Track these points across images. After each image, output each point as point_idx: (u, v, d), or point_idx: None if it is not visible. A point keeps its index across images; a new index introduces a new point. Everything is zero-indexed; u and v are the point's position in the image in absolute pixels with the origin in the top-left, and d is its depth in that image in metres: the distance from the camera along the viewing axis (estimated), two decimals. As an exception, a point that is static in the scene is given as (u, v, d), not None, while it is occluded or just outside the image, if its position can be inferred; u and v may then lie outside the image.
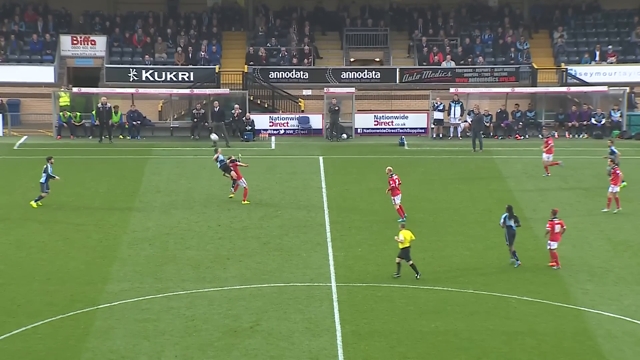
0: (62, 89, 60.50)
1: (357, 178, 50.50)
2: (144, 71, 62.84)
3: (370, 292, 35.04)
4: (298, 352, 30.35)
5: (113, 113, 58.52)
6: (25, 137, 58.48)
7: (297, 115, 61.18)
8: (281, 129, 60.60)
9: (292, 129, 60.64)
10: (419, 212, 44.37)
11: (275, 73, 63.68)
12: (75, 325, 31.99)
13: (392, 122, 61.19)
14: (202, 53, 64.61)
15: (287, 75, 63.75)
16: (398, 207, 42.91)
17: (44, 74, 62.94)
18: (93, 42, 64.64)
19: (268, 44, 66.01)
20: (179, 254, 38.87)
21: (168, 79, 62.83)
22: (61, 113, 58.81)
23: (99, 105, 58.30)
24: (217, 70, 63.09)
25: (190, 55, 64.64)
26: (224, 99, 60.69)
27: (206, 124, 58.70)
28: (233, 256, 38.84)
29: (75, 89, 59.69)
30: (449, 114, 60.47)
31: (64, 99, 59.27)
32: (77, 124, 58.99)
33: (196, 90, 60.94)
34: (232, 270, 37.28)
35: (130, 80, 62.43)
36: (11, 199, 45.89)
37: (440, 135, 60.29)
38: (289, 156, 55.49)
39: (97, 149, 56.32)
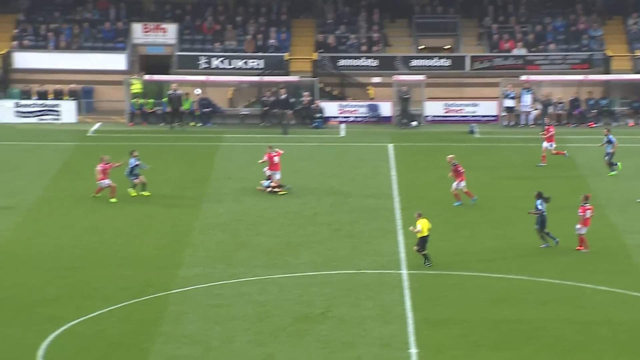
0: (134, 77, 61.08)
1: (427, 165, 50.35)
2: (214, 59, 63.19)
3: (441, 280, 34.96)
4: (370, 338, 30.39)
5: (184, 100, 58.92)
6: (98, 123, 59.13)
7: (367, 103, 61.10)
8: (350, 117, 60.58)
9: (361, 117, 60.59)
10: (490, 200, 44.13)
11: (344, 60, 63.64)
12: (148, 310, 32.33)
13: (462, 109, 60.87)
14: (272, 41, 64.77)
15: (357, 62, 63.69)
16: (456, 191, 42.92)
17: (117, 61, 63.56)
18: (164, 30, 65.10)
19: (337, 32, 65.97)
20: (250, 240, 39.08)
21: (238, 66, 63.10)
22: (133, 100, 59.36)
23: (170, 92, 58.75)
24: (286, 58, 63.22)
25: (259, 42, 64.84)
26: (294, 86, 60.82)
27: (274, 111, 58.82)
28: (304, 243, 38.96)
29: (146, 77, 60.20)
30: (520, 102, 60.02)
31: (136, 86, 59.83)
32: (149, 110, 59.50)
33: (266, 78, 61.13)
34: (303, 257, 37.40)
35: (201, 67, 62.79)
36: (85, 185, 46.38)
37: (511, 123, 59.88)
38: (358, 143, 55.47)
39: (168, 136, 56.77)
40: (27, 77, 62.29)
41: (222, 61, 63.15)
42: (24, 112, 58.91)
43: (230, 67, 63.12)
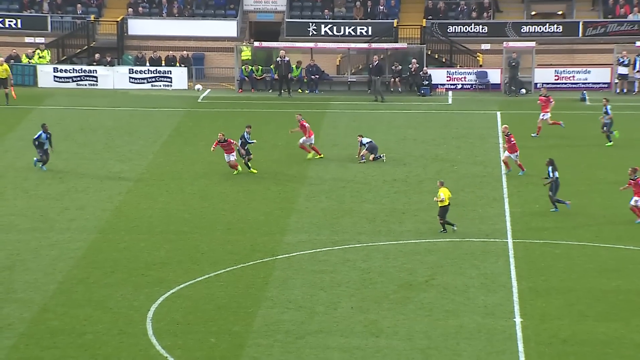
0: (244, 43, 61.61)
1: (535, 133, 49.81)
2: (322, 25, 63.35)
3: (547, 249, 34.73)
4: (473, 307, 30.39)
5: (294, 67, 59.24)
6: (208, 90, 59.85)
7: (475, 70, 60.65)
8: (458, 84, 60.22)
9: (469, 84, 60.19)
10: (601, 169, 43.60)
11: (453, 27, 63.22)
12: (255, 274, 32.83)
13: (573, 76, 59.99)
14: (381, 7, 64.64)
15: (466, 29, 63.21)
16: (519, 162, 42.81)
17: (227, 28, 64.17)
18: (274, -3, 65.54)
19: (447, -2, 65.55)
20: (355, 207, 39.29)
21: (346, 33, 63.16)
22: (243, 67, 59.92)
23: (278, 59, 59.13)
24: (395, 25, 63.05)
25: (368, 9, 64.77)
26: (402, 53, 60.67)
27: (376, 77, 58.44)
28: (408, 210, 39.02)
29: (256, 43, 60.68)
30: (634, 69, 58.89)
31: (246, 53, 60.36)
32: (258, 77, 60.00)
33: (374, 45, 61.07)
34: (407, 225, 37.49)
35: (310, 34, 63.02)
36: (195, 150, 47.14)
37: (625, 90, 58.84)
38: (465, 111, 55.16)
39: (276, 103, 57.20)
40: (140, 44, 63.34)
41: (330, 28, 63.28)
42: (137, 79, 59.95)
43: (339, 33, 63.22)
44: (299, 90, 59.51)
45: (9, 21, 63.12)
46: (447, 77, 60.30)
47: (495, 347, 27.93)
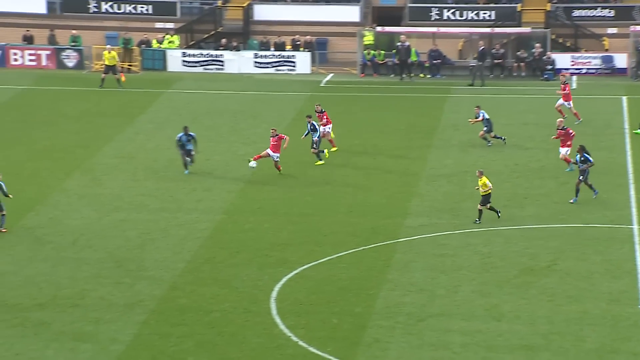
0: (367, 28, 61.97)
1: (662, 119, 49.15)
2: (445, 10, 63.25)
3: (674, 236, 34.38)
4: (597, 293, 30.32)
5: (413, 51, 59.37)
6: (331, 74, 60.39)
7: (601, 54, 59.91)
8: (583, 69, 59.58)
9: (594, 68, 59.50)
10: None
11: (579, 11, 62.50)
12: (376, 257, 33.26)
13: (703, 61, 58.79)
14: (504, -9, 64.26)
15: (592, 13, 62.44)
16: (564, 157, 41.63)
17: (350, 13, 64.53)
18: (397, -18, 65.66)
19: (572, -18, 64.78)
20: (476, 192, 39.29)
21: (469, 17, 62.96)
22: (365, 51, 60.28)
23: (398, 44, 59.31)
24: (518, 9, 62.63)
25: (492, -7, 64.43)
26: (525, 37, 60.28)
27: (481, 63, 58.01)
28: (530, 195, 38.97)
29: (379, 28, 60.96)
30: None
31: (368, 38, 60.71)
32: (380, 62, 60.29)
33: (496, 30, 60.80)
34: (529, 210, 37.46)
35: (432, 19, 63.02)
36: (316, 134, 47.71)
37: None
38: (590, 96, 54.60)
39: (397, 87, 57.41)
40: (265, 29, 64.18)
41: (453, 13, 63.17)
42: (262, 63, 60.82)
43: (462, 18, 63.07)
44: (421, 75, 59.63)
45: (141, 7, 64.67)
46: (572, 61, 59.69)
47: (620, 333, 27.85)
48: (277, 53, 60.93)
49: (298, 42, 61.64)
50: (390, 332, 28.05)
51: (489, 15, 62.86)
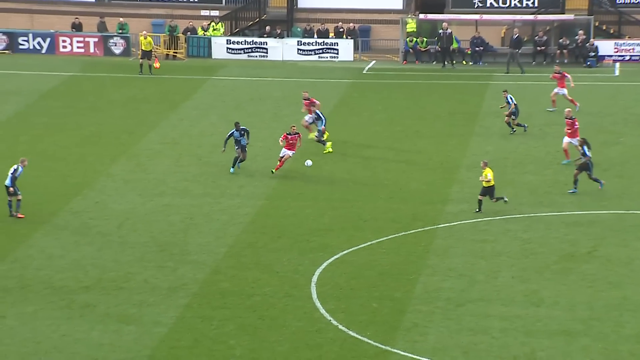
0: (410, 16, 62.08)
1: None
2: (489, -3, 63.26)
3: None
4: (637, 279, 30.41)
5: (454, 39, 59.41)
6: (373, 61, 60.57)
7: (645, 41, 59.68)
8: (626, 55, 59.36)
9: (638, 55, 59.24)
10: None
11: (623, -2, 62.30)
12: (416, 242, 33.52)
13: None
14: (548, -22, 64.06)
15: (636, 0, 62.11)
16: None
17: (393, 0, 64.60)
18: (441, -31, 65.62)
19: (619, -32, 64.46)
20: (516, 178, 39.52)
21: (512, 5, 62.85)
22: (407, 39, 60.41)
23: (440, 31, 59.38)
24: (562, -4, 62.51)
25: (536, -20, 64.22)
26: (568, 24, 60.13)
27: (517, 51, 57.70)
28: (571, 182, 38.98)
29: (421, 16, 61.04)
30: None
31: (411, 25, 60.81)
32: (423, 49, 60.40)
33: (540, 17, 60.68)
34: (570, 196, 37.52)
35: (475, 6, 62.99)
36: (359, 121, 48.00)
37: None
38: (633, 83, 54.43)
39: (439, 74, 57.50)
40: (309, 17, 64.45)
41: (496, 0, 63.08)
42: (305, 50, 61.14)
43: (505, 5, 62.97)
44: (463, 62, 59.67)
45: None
46: (615, 48, 59.47)
47: (659, 319, 27.98)
48: (320, 40, 61.21)
49: (341, 30, 61.87)
50: (429, 317, 28.31)
51: (532, 2, 62.74)
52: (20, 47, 61.64)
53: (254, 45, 61.25)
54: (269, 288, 30.22)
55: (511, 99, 44.82)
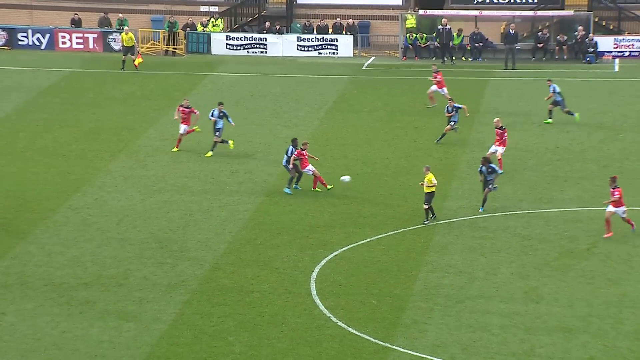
0: (409, 12, 62.05)
1: None
2: (488, -7, 63.24)
3: None
4: (637, 276, 30.46)
5: (455, 35, 59.38)
6: (372, 57, 60.57)
7: (644, 37, 59.69)
8: (626, 51, 59.37)
9: (637, 51, 59.26)
10: None
11: (623, -6, 62.31)
12: (415, 239, 33.54)
13: None
14: (548, -26, 64.06)
15: (636, -5, 62.23)
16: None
17: (393, -4, 64.75)
18: (440, -36, 65.62)
19: (616, -36, 64.45)
20: (516, 175, 39.52)
21: (512, 1, 62.81)
22: (407, 35, 60.40)
23: (439, 27, 59.38)
24: (562, -8, 62.50)
25: (534, -24, 64.20)
26: (568, 20, 60.13)
27: (514, 46, 57.57)
28: (571, 178, 39.05)
29: (421, 12, 61.03)
30: None
31: (411, 21, 60.81)
32: (422, 45, 60.40)
33: (539, 13, 60.67)
34: (569, 193, 37.56)
35: (475, 2, 62.92)
36: (359, 117, 48.00)
37: None
38: (633, 79, 54.45)
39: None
40: (309, 13, 64.44)
41: (496, -5, 63.12)
42: (304, 46, 61.14)
43: (505, 1, 62.94)
44: (463, 58, 59.67)
45: (186, -9, 65.30)
46: (614, 44, 59.49)
47: (659, 316, 28.02)
48: (319, 36, 61.23)
49: (339, 25, 61.88)
50: (428, 314, 28.34)
51: (533, -1, 62.73)
52: (20, 43, 61.65)
53: (254, 42, 61.25)
54: (268, 284, 30.25)
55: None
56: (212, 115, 41.77)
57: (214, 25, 62.10)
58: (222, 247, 33.05)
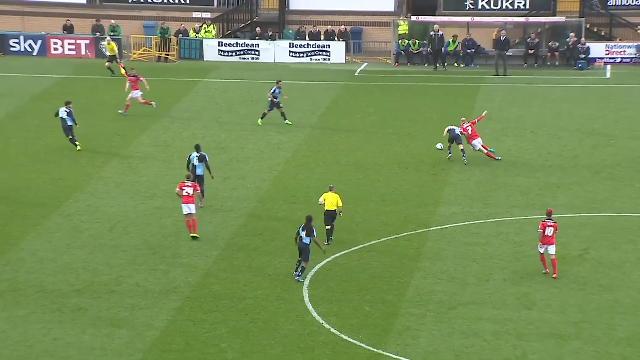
0: (401, 18, 62.11)
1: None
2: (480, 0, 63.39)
3: (703, 226, 34.34)
4: (629, 282, 30.48)
5: (450, 41, 59.43)
6: (365, 64, 60.60)
7: (636, 44, 59.72)
8: (617, 58, 59.48)
9: (629, 57, 59.38)
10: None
11: (614, 0, 62.34)
12: (408, 245, 33.55)
13: None
14: (540, -20, 64.17)
15: (627, 2, 62.25)
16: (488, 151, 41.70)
17: (385, 2, 64.63)
18: (432, -29, 65.71)
19: (609, -30, 64.60)
20: (508, 181, 39.57)
21: (504, 7, 62.93)
22: (399, 41, 60.45)
23: (432, 33, 59.44)
24: (554, -2, 62.62)
25: (526, -18, 64.34)
26: (560, 26, 60.24)
27: (504, 52, 57.65)
28: (563, 184, 39.10)
29: (413, 18, 61.08)
30: None
31: (403, 27, 60.85)
32: (415, 51, 60.44)
33: (531, 19, 60.77)
34: (561, 199, 37.60)
35: (466, 8, 63.05)
36: (351, 123, 48.01)
37: None
38: (624, 85, 54.55)
39: (431, 76, 57.52)
40: (301, 19, 64.46)
41: (487, 2, 63.14)
42: (297, 52, 61.15)
43: (496, 7, 63.06)
44: (455, 64, 59.72)
45: (179, -3, 65.39)
46: (606, 50, 59.57)
47: (650, 322, 28.04)
48: (312, 42, 61.24)
49: (331, 32, 61.93)
50: (421, 320, 28.35)
51: (524, 5, 62.83)
52: (12, 49, 61.57)
53: (246, 47, 61.25)
54: (261, 291, 30.24)
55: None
56: (56, 115, 42.65)
57: (206, 32, 62.08)
58: (215, 253, 33.02)
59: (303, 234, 30.95)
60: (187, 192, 34.36)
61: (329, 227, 33.87)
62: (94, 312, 28.90)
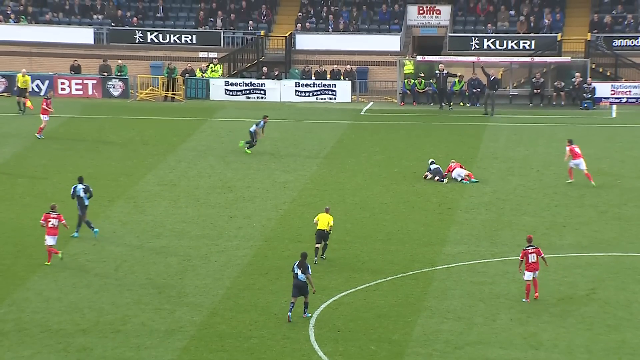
0: (407, 57, 62.37)
1: None
2: (485, 40, 63.57)
3: None
4: (636, 322, 30.33)
5: (456, 81, 59.62)
6: (370, 103, 60.77)
7: (641, 84, 59.94)
8: (623, 98, 59.61)
9: (635, 98, 59.51)
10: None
11: (619, 41, 62.58)
12: (414, 284, 33.46)
13: None
14: (545, 21, 64.44)
15: (632, 43, 62.51)
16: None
17: (391, 42, 65.03)
18: (438, 12, 66.07)
19: (614, 12, 64.86)
20: (514, 220, 39.53)
21: (509, 47, 63.22)
22: (405, 80, 60.66)
23: (437, 72, 59.65)
24: (558, 39, 62.81)
25: (532, 23, 64.63)
26: (565, 66, 60.43)
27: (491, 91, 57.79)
28: (569, 224, 39.03)
29: (419, 57, 61.33)
30: None
31: (408, 67, 61.08)
32: (421, 90, 60.62)
33: (536, 59, 60.97)
34: (568, 238, 37.53)
35: (472, 48, 63.32)
36: (357, 162, 48.05)
37: None
38: (630, 125, 54.60)
39: (436, 116, 57.65)
40: (307, 58, 64.78)
41: (493, 42, 63.45)
42: (303, 92, 61.38)
43: (502, 47, 63.32)
44: (460, 104, 59.86)
45: (185, 37, 65.62)
46: (612, 90, 59.75)
47: (658, 363, 27.88)
48: (318, 82, 61.49)
49: (337, 71, 62.15)
50: (427, 360, 28.26)
51: (529, 45, 63.07)
52: (20, 89, 61.76)
53: (252, 87, 61.49)
54: (266, 330, 30.14)
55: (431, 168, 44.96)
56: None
57: (212, 71, 62.34)
58: (221, 292, 32.96)
59: (299, 271, 30.88)
60: (52, 224, 35.09)
61: (318, 245, 34.76)
62: (100, 352, 28.80)
